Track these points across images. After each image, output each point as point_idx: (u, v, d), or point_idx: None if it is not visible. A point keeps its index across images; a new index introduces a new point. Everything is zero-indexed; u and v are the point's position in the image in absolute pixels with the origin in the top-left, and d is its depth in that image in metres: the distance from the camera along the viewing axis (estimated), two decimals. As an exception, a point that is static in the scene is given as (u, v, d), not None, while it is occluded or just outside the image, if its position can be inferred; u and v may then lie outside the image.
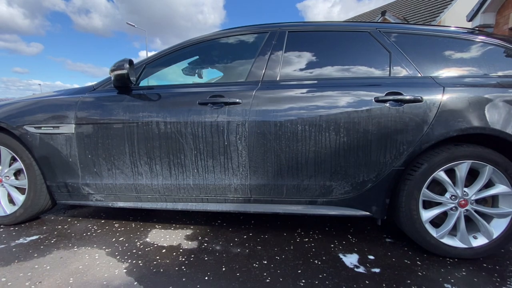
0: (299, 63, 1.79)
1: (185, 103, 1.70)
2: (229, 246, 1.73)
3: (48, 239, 1.81)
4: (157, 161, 1.74)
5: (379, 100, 1.54)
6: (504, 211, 1.57)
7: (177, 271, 1.47)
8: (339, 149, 1.58)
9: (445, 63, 1.64)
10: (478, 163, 1.53)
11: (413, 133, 1.51)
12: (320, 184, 1.65)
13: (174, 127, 1.69)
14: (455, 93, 1.50)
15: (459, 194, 1.57)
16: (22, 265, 1.52)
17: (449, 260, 1.60)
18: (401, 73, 1.64)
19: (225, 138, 1.65)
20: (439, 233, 1.59)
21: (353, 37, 1.77)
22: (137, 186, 1.80)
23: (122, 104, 1.76)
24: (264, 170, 1.66)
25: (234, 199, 1.75)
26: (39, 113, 1.85)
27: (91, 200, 1.90)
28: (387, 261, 1.59)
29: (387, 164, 1.57)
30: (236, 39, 1.98)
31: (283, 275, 1.45)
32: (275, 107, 1.62)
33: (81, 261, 1.56)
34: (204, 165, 1.71)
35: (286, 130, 1.60)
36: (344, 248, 1.73)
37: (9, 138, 1.90)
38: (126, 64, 1.67)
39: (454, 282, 1.41)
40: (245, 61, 1.99)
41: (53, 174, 1.87)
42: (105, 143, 1.77)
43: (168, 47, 1.95)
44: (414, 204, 1.57)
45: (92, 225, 2.03)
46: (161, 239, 1.81)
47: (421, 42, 1.69)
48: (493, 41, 1.66)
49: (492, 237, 1.58)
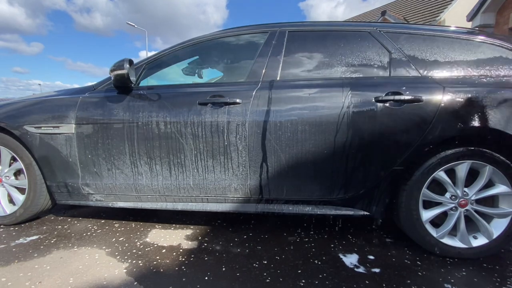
0: (299, 63, 1.78)
1: (185, 103, 1.70)
2: (229, 246, 1.73)
3: (48, 239, 1.81)
4: (157, 161, 1.74)
5: (379, 100, 1.54)
6: (504, 211, 1.57)
7: (177, 271, 1.47)
8: (339, 149, 1.58)
9: (445, 63, 1.64)
10: (478, 163, 1.53)
11: (413, 133, 1.51)
12: (320, 184, 1.65)
13: (174, 127, 1.69)
14: (455, 93, 1.50)
15: (459, 194, 1.57)
16: (22, 265, 1.52)
17: (449, 260, 1.60)
18: (401, 73, 1.64)
19: (225, 138, 1.65)
20: (439, 233, 1.59)
21: (353, 37, 1.77)
22: (137, 186, 1.80)
23: (122, 104, 1.76)
24: (264, 170, 1.66)
25: (234, 199, 1.75)
26: (39, 113, 1.85)
27: (91, 200, 1.90)
28: (387, 261, 1.59)
29: (387, 164, 1.57)
30: (236, 39, 1.98)
31: (283, 275, 1.45)
32: (275, 107, 1.62)
33: (81, 261, 1.56)
34: (204, 165, 1.71)
35: (286, 130, 1.60)
36: (344, 248, 1.73)
37: (9, 138, 1.90)
38: (126, 64, 1.67)
39: (454, 282, 1.42)
40: (245, 61, 1.99)
41: (53, 174, 1.86)
42: (105, 143, 1.77)
43: (168, 47, 1.95)
44: (414, 204, 1.58)
45: (92, 225, 2.03)
46: (161, 239, 1.81)
47: (421, 42, 1.69)
48: (493, 41, 1.66)
49: (492, 237, 1.58)
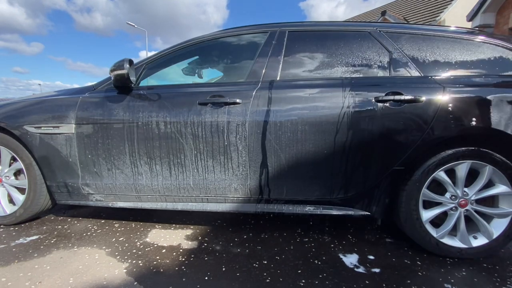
0: (299, 63, 1.78)
1: (185, 103, 1.70)
2: (229, 246, 1.73)
3: (48, 239, 1.81)
4: (157, 161, 1.74)
5: (379, 100, 1.54)
6: (504, 211, 1.57)
7: (177, 271, 1.47)
8: (339, 149, 1.57)
9: (445, 63, 1.64)
10: (478, 163, 1.53)
11: (413, 133, 1.51)
12: (320, 184, 1.65)
13: (174, 127, 1.69)
14: (455, 93, 1.50)
15: (459, 194, 1.57)
16: (22, 265, 1.52)
17: (449, 260, 1.60)
18: (401, 73, 1.64)
19: (225, 138, 1.65)
20: (439, 233, 1.59)
21: (353, 37, 1.77)
22: (137, 186, 1.80)
23: (122, 104, 1.76)
24: (264, 170, 1.66)
25: (234, 199, 1.75)
26: (39, 113, 1.85)
27: (91, 200, 1.89)
28: (387, 261, 1.59)
29: (387, 164, 1.57)
30: (236, 39, 1.98)
31: (283, 275, 1.45)
32: (275, 107, 1.62)
33: (81, 261, 1.56)
34: (204, 165, 1.71)
35: (287, 130, 1.60)
36: (344, 248, 1.73)
37: (9, 138, 1.90)
38: (126, 64, 1.67)
39: (454, 282, 1.42)
40: (245, 61, 1.99)
41: (53, 174, 1.86)
42: (105, 143, 1.77)
43: (168, 47, 1.95)
44: (414, 204, 1.58)
45: (92, 225, 2.03)
46: (161, 239, 1.81)
47: (421, 42, 1.69)
48: (493, 41, 1.66)
49: (492, 237, 1.58)
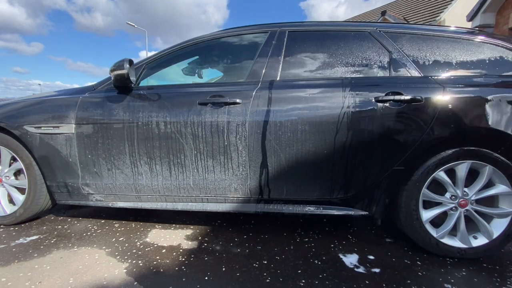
0: (299, 63, 1.78)
1: (185, 103, 1.70)
2: (229, 246, 1.73)
3: (48, 239, 1.81)
4: (157, 161, 1.74)
5: (379, 100, 1.54)
6: (504, 211, 1.57)
7: (177, 271, 1.47)
8: (339, 149, 1.57)
9: (445, 63, 1.64)
10: (478, 163, 1.53)
11: (413, 133, 1.51)
12: (320, 184, 1.65)
13: (174, 127, 1.69)
14: (455, 93, 1.50)
15: (459, 194, 1.57)
16: (22, 265, 1.52)
17: (449, 260, 1.60)
18: (401, 73, 1.64)
19: (225, 138, 1.65)
20: (439, 233, 1.59)
21: (353, 37, 1.77)
22: (137, 186, 1.80)
23: (122, 104, 1.76)
24: (264, 170, 1.66)
25: (234, 199, 1.75)
26: (39, 113, 1.85)
27: (91, 200, 1.89)
28: (387, 261, 1.59)
29: (387, 164, 1.57)
30: (236, 39, 1.98)
31: (283, 275, 1.45)
32: (275, 107, 1.62)
33: (81, 261, 1.56)
34: (204, 165, 1.71)
35: (287, 130, 1.60)
36: (344, 248, 1.73)
37: (9, 138, 1.90)
38: (126, 64, 1.67)
39: (454, 282, 1.42)
40: (245, 61, 1.99)
41: (53, 174, 1.86)
42: (105, 143, 1.77)
43: (168, 47, 1.95)
44: (414, 204, 1.58)
45: (92, 225, 2.03)
46: (161, 239, 1.81)
47: (421, 42, 1.69)
48: (493, 41, 1.66)
49: (492, 237, 1.57)
